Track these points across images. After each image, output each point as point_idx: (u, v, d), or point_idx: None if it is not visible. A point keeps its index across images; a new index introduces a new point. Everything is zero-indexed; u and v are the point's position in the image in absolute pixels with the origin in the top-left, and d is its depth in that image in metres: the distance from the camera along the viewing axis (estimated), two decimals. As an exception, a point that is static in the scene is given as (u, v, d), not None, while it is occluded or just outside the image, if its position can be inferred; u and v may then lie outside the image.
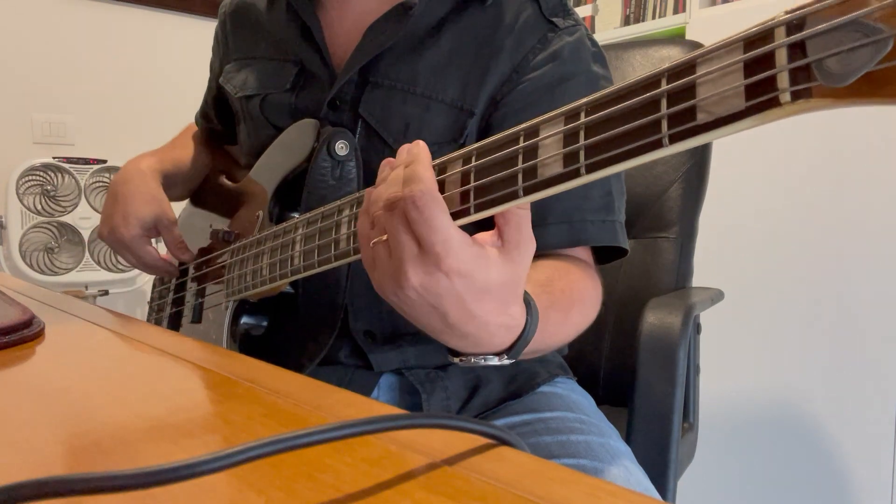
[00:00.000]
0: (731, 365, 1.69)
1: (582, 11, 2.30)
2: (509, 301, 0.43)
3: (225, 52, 0.83)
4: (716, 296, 0.98)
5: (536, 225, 0.64)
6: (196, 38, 2.44)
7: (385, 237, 0.42)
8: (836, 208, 1.55)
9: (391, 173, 0.43)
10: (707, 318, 1.06)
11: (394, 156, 0.64)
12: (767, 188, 1.65)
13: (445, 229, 0.39)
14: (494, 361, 0.47)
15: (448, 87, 0.65)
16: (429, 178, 0.40)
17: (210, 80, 0.90)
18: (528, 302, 0.47)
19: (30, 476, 0.20)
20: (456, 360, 0.47)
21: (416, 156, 0.41)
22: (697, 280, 1.05)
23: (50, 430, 0.31)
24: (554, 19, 0.67)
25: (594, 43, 0.69)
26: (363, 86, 0.67)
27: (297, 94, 0.71)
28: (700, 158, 1.01)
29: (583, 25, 0.69)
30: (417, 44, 0.67)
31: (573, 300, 0.58)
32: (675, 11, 2.01)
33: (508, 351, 0.46)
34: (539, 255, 0.64)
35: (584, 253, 0.66)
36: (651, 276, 0.99)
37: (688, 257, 1.01)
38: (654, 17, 2.08)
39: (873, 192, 1.49)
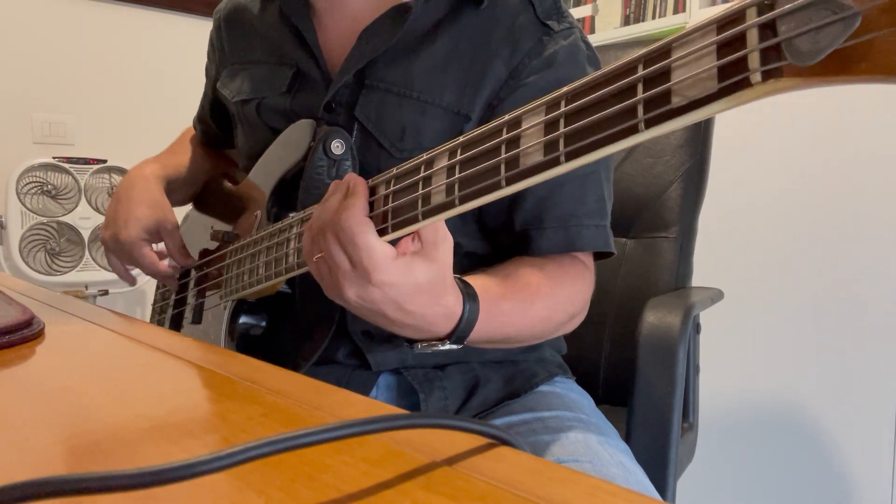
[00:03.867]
0: (731, 365, 1.69)
1: (582, 11, 2.30)
2: (440, 293, 0.50)
3: (221, 58, 0.83)
4: (716, 296, 0.98)
5: (535, 227, 0.64)
6: (196, 38, 2.44)
7: (323, 254, 0.49)
8: (836, 208, 1.55)
9: (329, 198, 0.50)
10: (707, 318, 1.06)
11: (390, 159, 0.65)
12: (767, 188, 1.65)
13: (371, 248, 0.46)
14: (441, 347, 0.53)
15: (444, 92, 0.65)
16: (359, 206, 0.47)
17: (206, 86, 0.90)
18: (468, 292, 0.53)
19: (30, 476, 0.20)
20: (410, 346, 0.55)
21: (354, 187, 0.48)
22: (697, 280, 1.05)
23: (50, 430, 0.31)
24: (549, 22, 0.67)
25: (588, 45, 0.69)
26: (359, 89, 0.67)
27: (293, 97, 0.71)
28: (700, 158, 1.01)
29: (577, 28, 0.69)
30: (412, 47, 0.67)
31: (538, 294, 0.61)
32: (675, 11, 2.01)
33: (451, 336, 0.53)
34: (537, 255, 0.65)
35: (580, 253, 0.67)
36: (651, 275, 0.99)
37: (687, 257, 1.01)
38: (654, 17, 2.08)
39: (873, 191, 1.49)
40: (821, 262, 1.56)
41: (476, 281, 0.56)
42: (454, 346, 0.54)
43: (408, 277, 0.47)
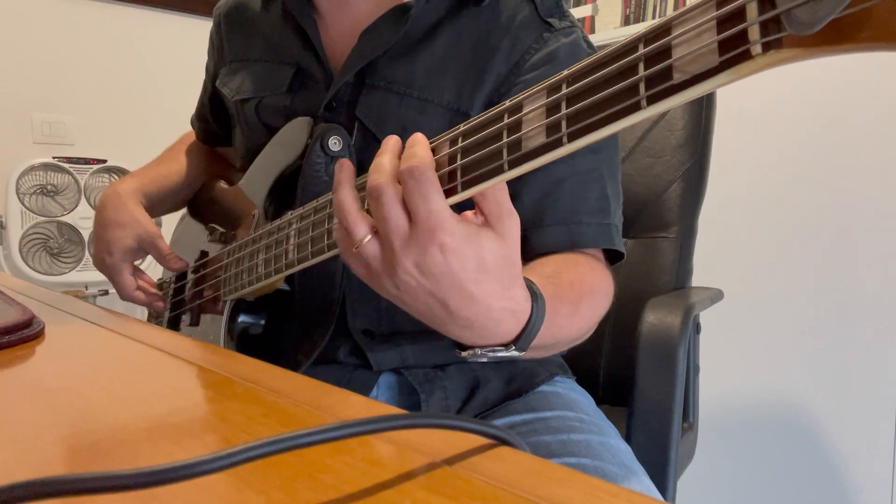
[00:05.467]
0: (731, 365, 1.69)
1: (582, 11, 2.30)
2: (507, 282, 0.43)
3: (220, 55, 0.83)
4: (716, 296, 0.98)
5: (535, 226, 0.64)
6: (196, 38, 2.44)
7: (369, 237, 0.43)
8: (836, 207, 1.55)
9: (380, 157, 0.43)
10: (707, 318, 1.06)
11: None
12: (767, 188, 1.65)
13: (437, 203, 0.39)
14: (503, 353, 0.45)
15: (444, 90, 0.66)
16: (427, 155, 0.41)
17: (205, 83, 0.90)
18: (532, 289, 0.46)
19: (30, 476, 0.20)
20: (463, 353, 0.46)
21: (416, 140, 0.42)
22: (697, 280, 1.05)
23: (50, 430, 0.31)
24: (550, 20, 0.67)
25: (590, 45, 0.69)
26: (360, 88, 0.67)
27: (294, 97, 0.71)
28: (700, 158, 1.01)
29: (579, 27, 0.69)
30: (414, 46, 0.67)
31: (582, 292, 0.56)
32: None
33: (516, 341, 0.45)
34: (542, 254, 0.64)
35: (592, 249, 0.66)
36: (651, 275, 0.99)
37: (687, 257, 1.01)
38: (653, 17, 2.08)
39: (873, 191, 1.49)
40: (821, 262, 1.56)
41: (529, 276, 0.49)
42: (516, 354, 0.46)
43: (474, 248, 0.40)
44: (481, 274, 0.41)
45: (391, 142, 0.44)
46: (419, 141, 0.42)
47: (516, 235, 0.42)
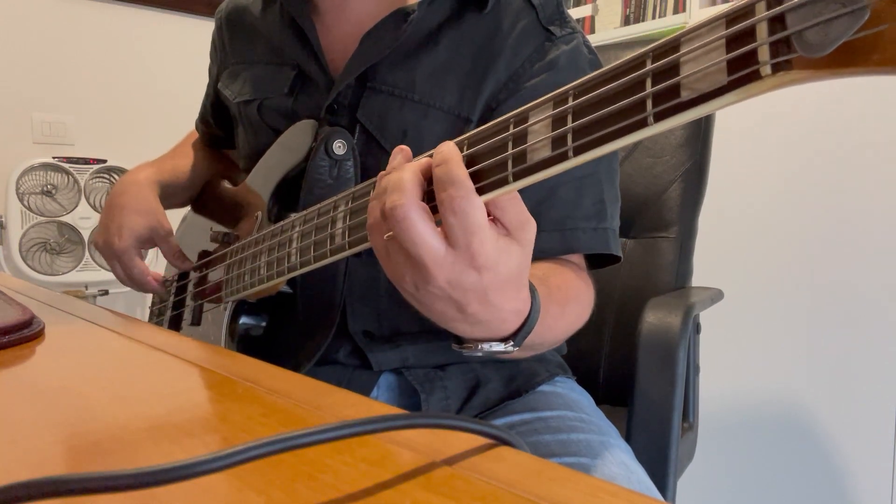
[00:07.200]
0: (731, 365, 1.69)
1: (582, 11, 2.30)
2: (521, 285, 0.44)
3: (223, 58, 0.83)
4: (716, 296, 0.98)
5: None
6: (197, 38, 2.44)
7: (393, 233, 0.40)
8: (836, 208, 1.55)
9: (405, 165, 0.41)
10: (707, 318, 1.06)
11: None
12: (767, 188, 1.65)
13: (482, 228, 0.38)
14: (499, 347, 0.46)
15: (446, 95, 0.66)
16: (465, 176, 0.38)
17: (209, 86, 0.90)
18: (531, 287, 0.47)
19: (29, 476, 0.20)
20: (460, 347, 0.47)
21: (447, 156, 0.39)
22: (697, 280, 1.05)
23: (50, 430, 0.31)
24: (551, 28, 0.67)
25: (591, 50, 0.69)
26: (361, 91, 0.67)
27: (296, 99, 0.71)
28: (700, 158, 1.01)
29: (580, 33, 0.69)
30: (415, 50, 0.67)
31: (569, 297, 0.58)
32: (675, 11, 2.01)
33: (514, 336, 0.46)
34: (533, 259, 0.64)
35: (576, 257, 0.66)
36: (651, 275, 0.99)
37: (687, 257, 1.01)
38: (653, 17, 2.08)
39: (873, 191, 1.49)
40: (821, 261, 1.56)
41: None
42: (510, 349, 0.47)
43: (505, 264, 0.40)
44: (505, 283, 0.41)
45: (399, 156, 0.42)
46: (451, 158, 0.39)
47: (533, 241, 0.43)
